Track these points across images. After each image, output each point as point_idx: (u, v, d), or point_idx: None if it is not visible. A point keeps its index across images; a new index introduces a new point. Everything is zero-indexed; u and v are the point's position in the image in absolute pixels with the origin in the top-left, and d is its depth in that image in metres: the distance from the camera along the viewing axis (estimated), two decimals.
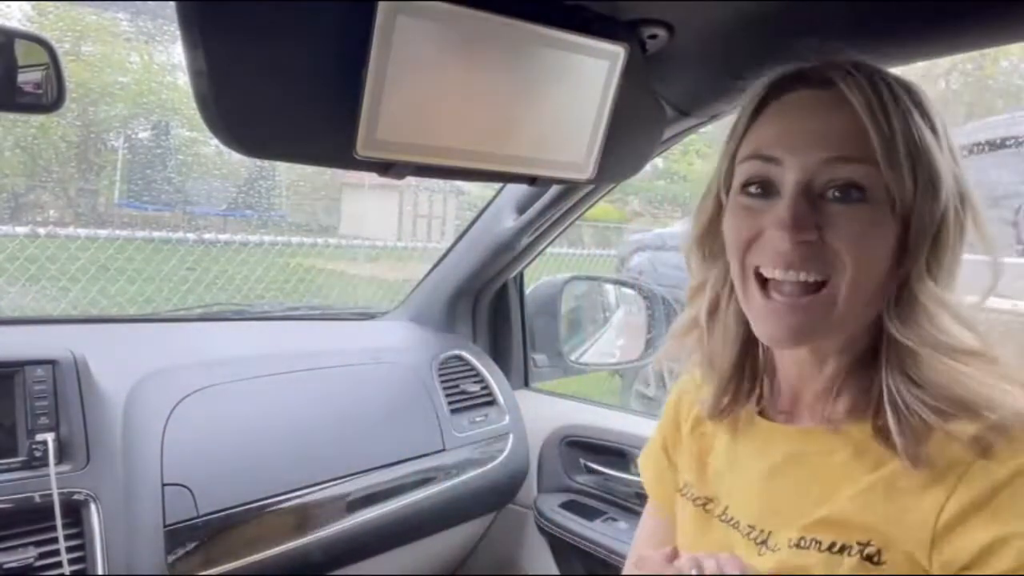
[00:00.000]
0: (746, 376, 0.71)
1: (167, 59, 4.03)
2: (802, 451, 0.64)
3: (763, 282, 0.61)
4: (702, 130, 1.17)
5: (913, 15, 0.72)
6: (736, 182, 0.64)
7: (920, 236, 0.57)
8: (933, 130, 0.58)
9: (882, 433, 0.57)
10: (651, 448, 0.85)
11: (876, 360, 0.60)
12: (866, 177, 0.56)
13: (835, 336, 0.62)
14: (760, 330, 0.63)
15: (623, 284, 2.22)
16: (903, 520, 0.54)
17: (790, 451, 0.65)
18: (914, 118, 0.57)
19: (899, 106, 0.57)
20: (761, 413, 0.70)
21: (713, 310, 0.71)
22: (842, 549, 0.56)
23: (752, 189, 0.62)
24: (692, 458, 0.76)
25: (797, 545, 0.59)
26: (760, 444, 0.68)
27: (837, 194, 0.57)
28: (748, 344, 0.70)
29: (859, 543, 0.56)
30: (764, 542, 0.63)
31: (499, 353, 1.68)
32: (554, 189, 1.34)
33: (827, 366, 0.64)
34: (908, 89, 0.59)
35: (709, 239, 0.70)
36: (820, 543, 0.58)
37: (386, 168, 0.71)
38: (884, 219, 0.57)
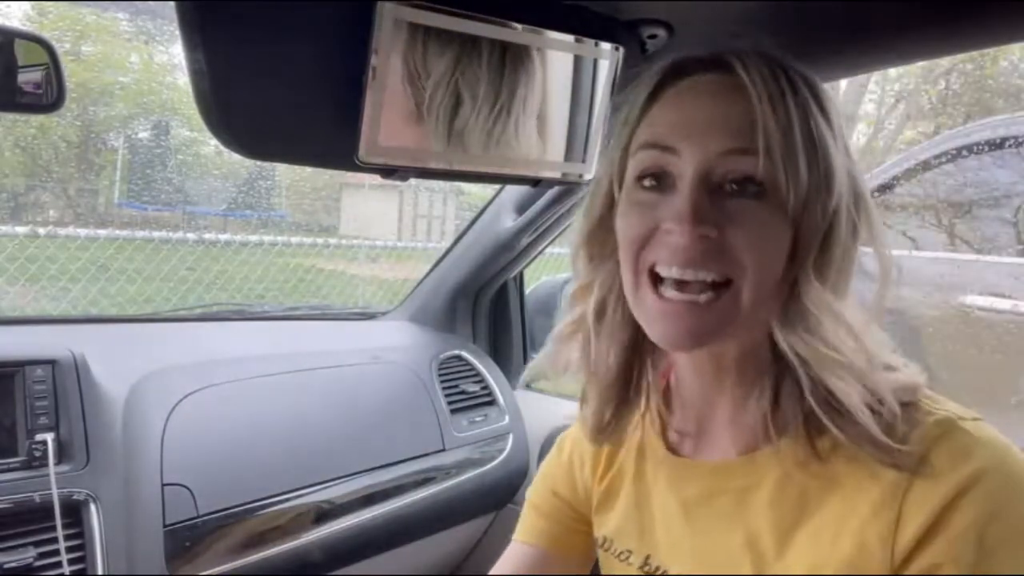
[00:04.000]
0: (632, 386, 0.66)
1: (167, 59, 4.04)
2: (714, 490, 0.60)
3: (657, 281, 0.56)
4: None
5: (914, 15, 0.72)
6: (629, 175, 0.59)
7: (810, 235, 0.54)
8: (829, 124, 0.55)
9: (810, 450, 0.54)
10: (540, 487, 0.79)
11: (782, 379, 0.56)
12: (764, 170, 0.53)
13: (733, 341, 0.58)
14: (654, 332, 0.57)
15: None
16: (850, 562, 0.51)
17: (702, 491, 0.60)
18: (811, 110, 0.54)
19: (798, 96, 0.54)
20: (667, 446, 0.66)
21: (600, 313, 0.65)
22: None
23: (647, 182, 0.57)
24: (601, 509, 0.71)
25: None
26: (670, 482, 0.64)
27: (735, 187, 0.54)
28: (635, 351, 0.65)
29: None
30: None
31: (499, 353, 1.68)
32: (554, 189, 1.34)
33: (728, 382, 0.60)
34: (807, 81, 0.55)
35: (599, 237, 0.64)
36: None
37: (389, 172, 0.71)
38: (780, 216, 0.53)
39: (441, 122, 0.70)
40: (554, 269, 4.18)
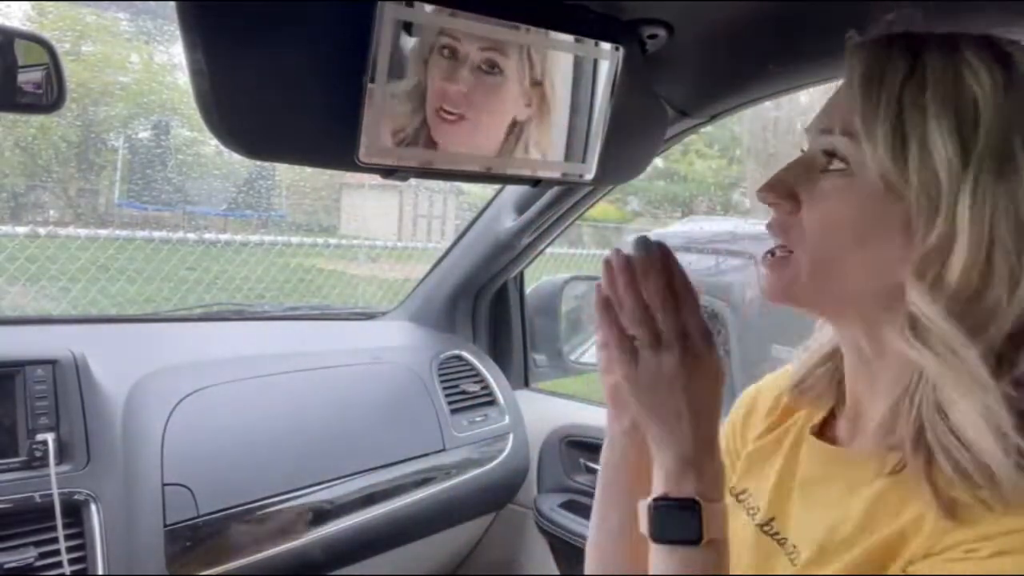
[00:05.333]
0: (835, 357, 0.68)
1: (167, 59, 4.04)
2: (852, 477, 0.60)
3: None
4: (702, 130, 1.17)
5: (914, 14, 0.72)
6: None
7: (917, 227, 0.52)
8: (962, 121, 0.51)
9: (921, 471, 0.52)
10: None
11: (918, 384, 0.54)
12: (845, 149, 0.55)
13: (855, 328, 0.59)
14: None
15: None
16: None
17: (846, 477, 0.61)
18: (924, 98, 0.51)
19: (910, 81, 0.52)
20: (822, 429, 0.68)
21: None
22: None
23: None
24: (751, 461, 0.73)
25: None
26: (819, 463, 0.65)
27: (825, 165, 0.57)
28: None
29: None
30: (805, 567, 0.60)
31: (499, 353, 1.68)
32: (554, 189, 1.34)
33: (879, 379, 0.60)
34: (956, 74, 0.52)
35: None
36: None
37: (389, 172, 0.71)
38: (868, 197, 0.53)
39: (441, 122, 0.70)
40: (554, 269, 4.19)
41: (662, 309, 0.58)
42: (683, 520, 0.56)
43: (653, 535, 0.57)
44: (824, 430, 0.68)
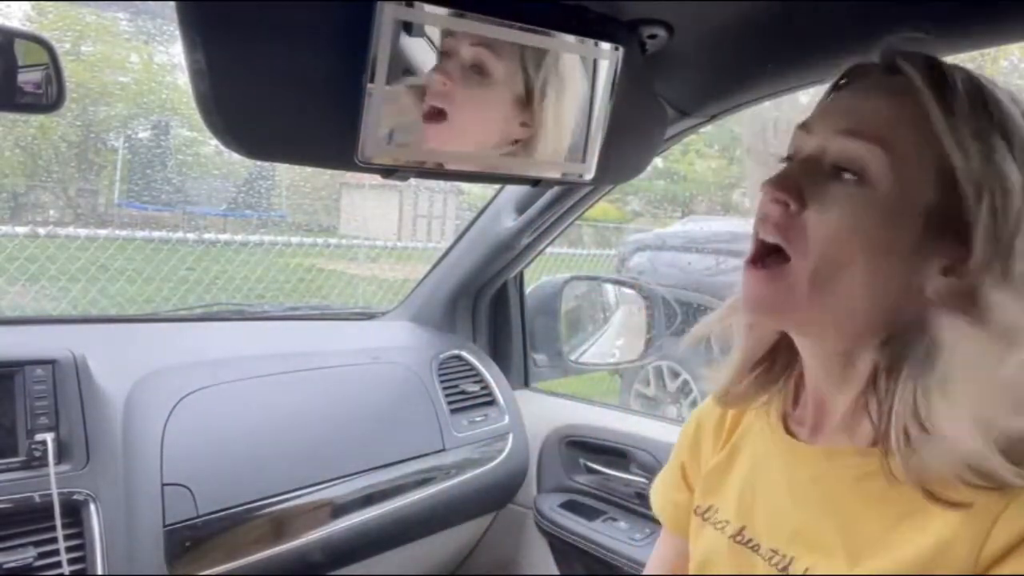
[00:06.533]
0: (774, 367, 0.68)
1: (167, 59, 4.04)
2: (823, 473, 0.61)
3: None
4: (702, 130, 1.17)
5: (915, 15, 0.72)
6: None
7: (937, 235, 0.52)
8: (969, 133, 0.52)
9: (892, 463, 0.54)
10: (666, 475, 0.82)
11: (894, 387, 0.55)
12: (870, 158, 0.53)
13: (835, 335, 0.58)
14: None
15: (623, 284, 2.22)
16: (933, 561, 0.51)
17: (811, 472, 0.62)
18: (936, 113, 0.52)
19: (943, 96, 0.52)
20: (785, 428, 0.67)
21: None
22: None
23: (786, 160, 0.61)
24: (710, 479, 0.73)
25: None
26: (783, 463, 0.65)
27: (839, 170, 0.55)
28: (788, 338, 0.67)
29: None
30: (785, 568, 0.60)
31: (499, 353, 1.68)
32: (554, 189, 1.34)
33: (850, 380, 0.60)
34: (977, 89, 0.53)
35: None
36: None
37: (389, 172, 0.71)
38: (888, 209, 0.52)
39: (441, 122, 0.70)
40: (554, 269, 4.19)
41: None
42: None
43: None
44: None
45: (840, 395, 0.61)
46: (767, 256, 0.57)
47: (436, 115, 0.69)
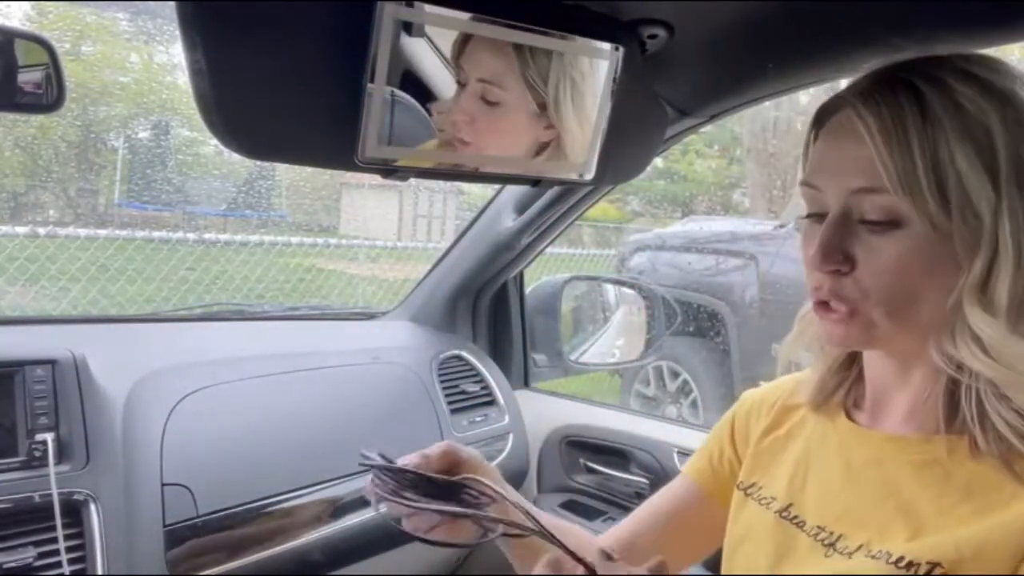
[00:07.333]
0: (853, 365, 0.70)
1: (167, 59, 4.04)
2: (883, 457, 0.63)
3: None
4: (702, 130, 1.17)
5: (917, 15, 0.72)
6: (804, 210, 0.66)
7: (965, 260, 0.55)
8: (978, 150, 0.54)
9: (973, 446, 0.56)
10: (704, 448, 0.84)
11: (958, 378, 0.58)
12: (893, 206, 0.55)
13: (902, 341, 0.61)
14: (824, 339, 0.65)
15: (623, 284, 2.22)
16: (984, 545, 0.53)
17: (871, 456, 0.64)
18: (943, 137, 0.54)
19: (927, 123, 0.54)
20: (846, 414, 0.70)
21: None
22: (910, 566, 0.55)
23: (812, 218, 0.63)
24: (760, 457, 0.75)
25: (867, 553, 0.58)
26: (839, 446, 0.67)
27: (870, 224, 0.57)
28: None
29: (928, 563, 0.54)
30: (832, 544, 0.61)
31: (499, 353, 1.68)
32: (554, 189, 1.34)
33: (913, 374, 0.63)
34: (957, 105, 0.54)
35: None
36: (891, 555, 0.56)
37: (389, 172, 0.71)
38: (919, 244, 0.56)
39: (441, 122, 0.70)
40: (554, 269, 4.20)
41: None
42: None
43: None
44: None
45: (904, 389, 0.64)
46: (832, 307, 0.60)
47: (463, 144, 0.72)
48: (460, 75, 0.68)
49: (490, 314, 1.68)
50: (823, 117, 0.62)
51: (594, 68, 0.76)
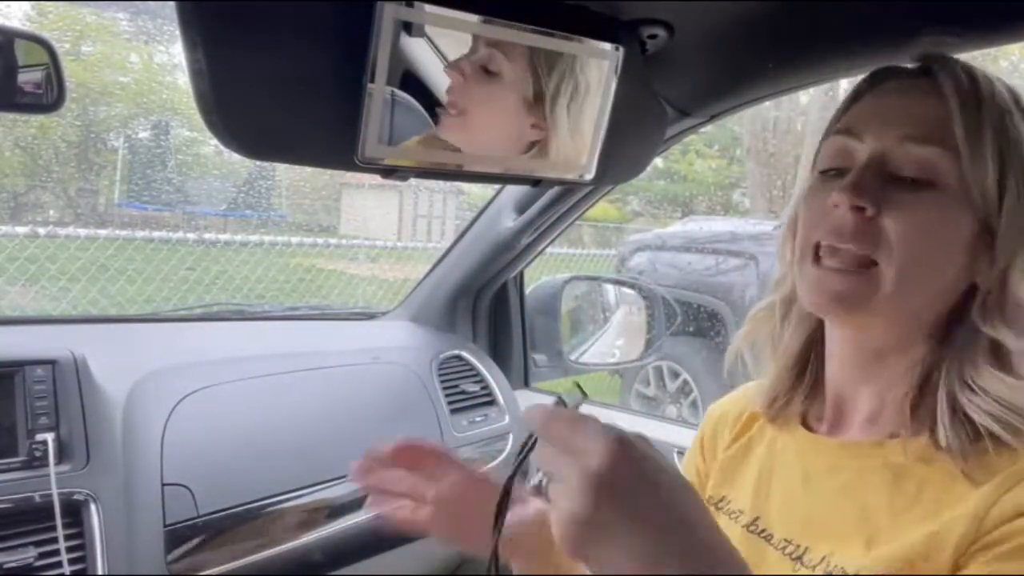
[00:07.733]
0: (808, 371, 0.70)
1: (167, 59, 4.05)
2: (839, 464, 0.62)
3: (818, 253, 0.60)
4: (702, 130, 1.17)
5: (917, 16, 0.72)
6: (819, 164, 0.64)
7: (1013, 236, 0.55)
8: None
9: (935, 445, 0.56)
10: (685, 470, 0.83)
11: (930, 376, 0.58)
12: (940, 162, 0.55)
13: (883, 328, 0.60)
14: (807, 299, 0.62)
15: (623, 284, 2.22)
16: (933, 545, 0.53)
17: (827, 464, 0.64)
18: (1012, 119, 0.56)
19: (995, 101, 0.56)
20: (803, 423, 0.69)
21: (789, 302, 0.70)
22: None
23: (830, 172, 0.62)
24: (725, 471, 0.75)
25: (827, 567, 0.58)
26: (798, 455, 0.67)
27: (907, 176, 0.56)
28: (814, 343, 0.69)
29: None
30: (800, 558, 0.61)
31: (499, 353, 1.68)
32: (554, 189, 1.34)
33: (881, 372, 0.62)
34: (1013, 94, 0.57)
35: (794, 233, 0.68)
36: (844, 570, 0.56)
37: (389, 172, 0.71)
38: (954, 211, 0.56)
39: (441, 122, 0.70)
40: (554, 269, 4.20)
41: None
42: None
43: None
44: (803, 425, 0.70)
45: (865, 389, 0.64)
46: (857, 260, 0.58)
47: (458, 114, 0.70)
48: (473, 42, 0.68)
49: (490, 314, 1.68)
50: (883, 77, 0.62)
51: (594, 68, 0.76)
